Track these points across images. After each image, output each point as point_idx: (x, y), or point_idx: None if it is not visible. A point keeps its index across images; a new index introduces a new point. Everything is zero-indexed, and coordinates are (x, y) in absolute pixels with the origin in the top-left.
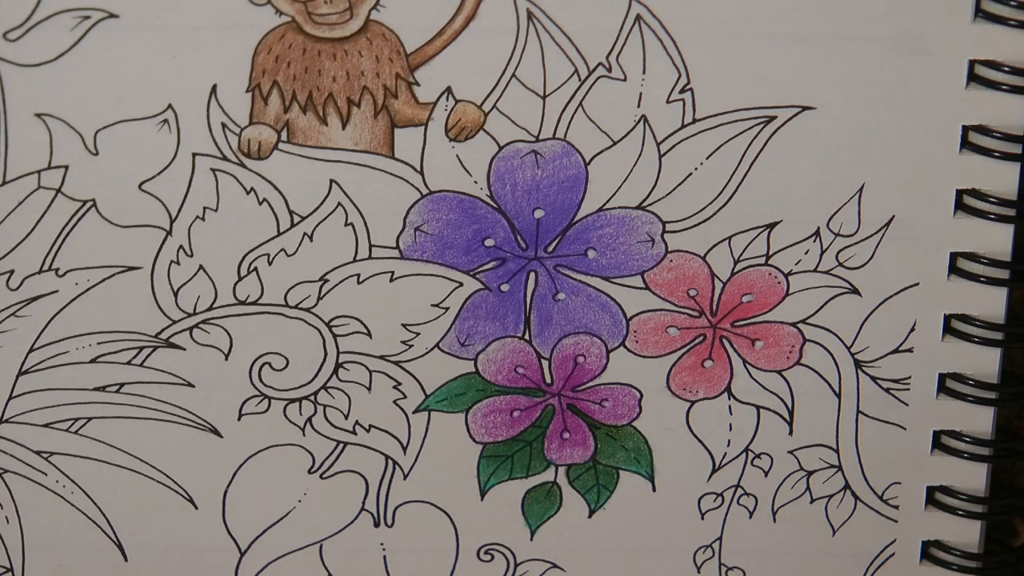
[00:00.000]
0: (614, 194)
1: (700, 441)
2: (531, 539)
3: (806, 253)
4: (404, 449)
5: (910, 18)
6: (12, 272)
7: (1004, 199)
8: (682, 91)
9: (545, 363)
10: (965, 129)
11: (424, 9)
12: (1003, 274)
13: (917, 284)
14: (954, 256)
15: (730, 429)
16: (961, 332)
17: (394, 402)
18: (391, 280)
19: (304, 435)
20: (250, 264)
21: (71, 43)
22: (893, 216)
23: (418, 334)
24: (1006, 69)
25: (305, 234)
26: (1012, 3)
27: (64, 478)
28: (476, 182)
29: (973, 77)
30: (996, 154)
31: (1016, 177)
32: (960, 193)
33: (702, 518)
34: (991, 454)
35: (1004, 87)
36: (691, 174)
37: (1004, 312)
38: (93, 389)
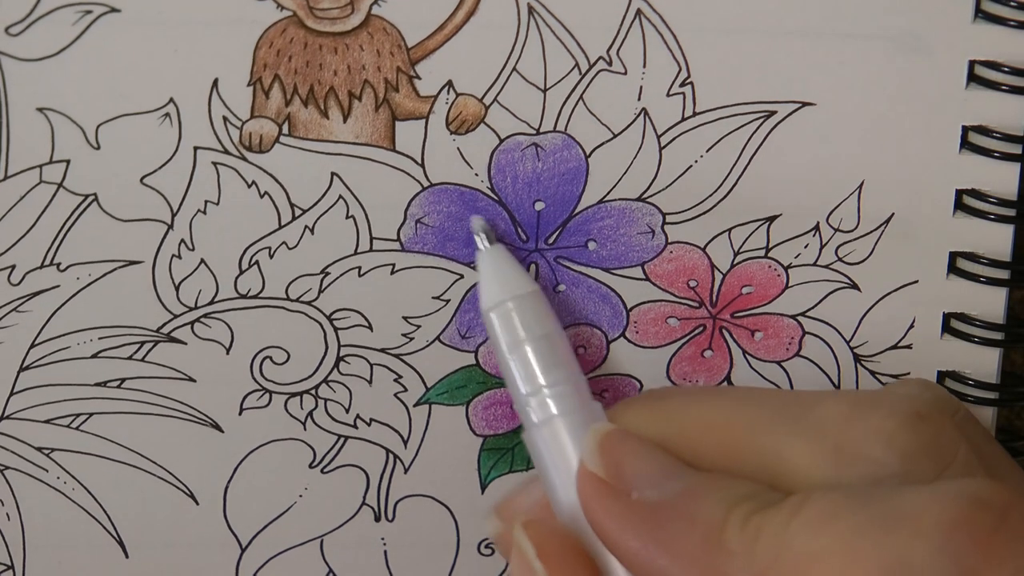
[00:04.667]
0: (614, 186)
1: None
2: None
3: (805, 247)
4: (405, 443)
5: (910, 18)
6: (14, 267)
7: (1004, 199)
8: (682, 85)
9: None
10: (965, 129)
11: (425, 3)
12: (1003, 274)
13: (916, 282)
14: (953, 256)
15: None
16: (960, 332)
17: (395, 395)
18: (392, 273)
19: (305, 429)
20: (251, 257)
21: (73, 38)
22: (892, 214)
23: (419, 327)
24: (1006, 69)
25: (306, 227)
26: (1012, 3)
27: (65, 474)
28: (477, 175)
29: (973, 77)
30: (996, 154)
31: (1016, 177)
32: (960, 193)
33: None
34: None
35: (1004, 87)
36: (691, 167)
37: (1004, 312)
38: (94, 384)
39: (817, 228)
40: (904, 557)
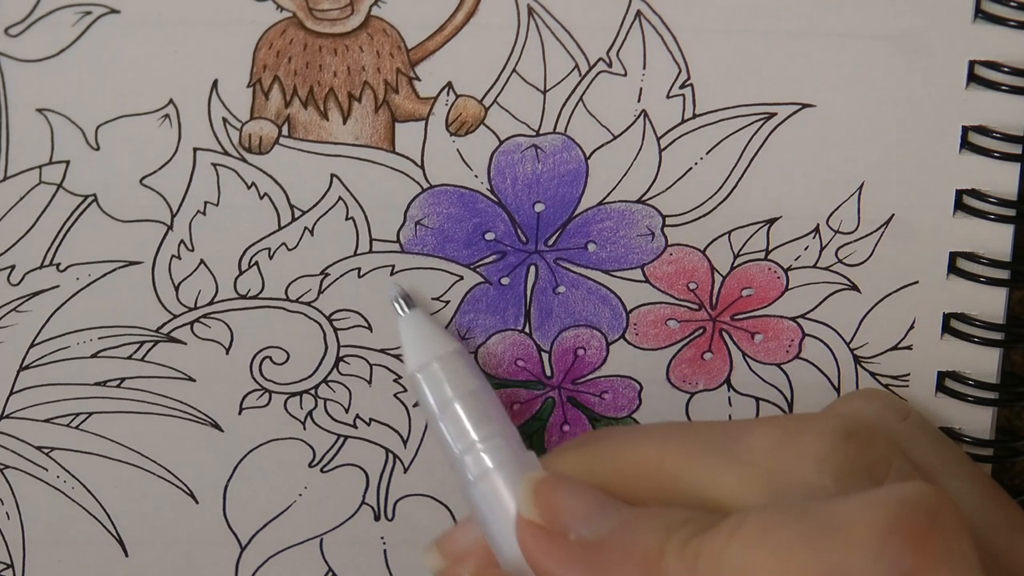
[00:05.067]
0: (614, 188)
1: None
2: None
3: (805, 249)
4: (404, 443)
5: (910, 18)
6: (13, 267)
7: (1004, 199)
8: (682, 86)
9: (545, 356)
10: (965, 129)
11: (425, 4)
12: (1003, 274)
13: (916, 283)
14: (953, 256)
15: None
16: (960, 332)
17: (394, 395)
18: (392, 274)
19: (304, 429)
20: (251, 258)
21: (73, 38)
22: (893, 215)
23: None
24: (1006, 69)
25: (306, 228)
26: (1012, 3)
27: (65, 473)
28: (477, 176)
29: (973, 77)
30: (996, 154)
31: (1016, 177)
32: (960, 193)
33: None
34: (991, 454)
35: (1004, 87)
36: (691, 169)
37: (1004, 312)
38: (94, 384)
39: (817, 230)
40: (841, 566)
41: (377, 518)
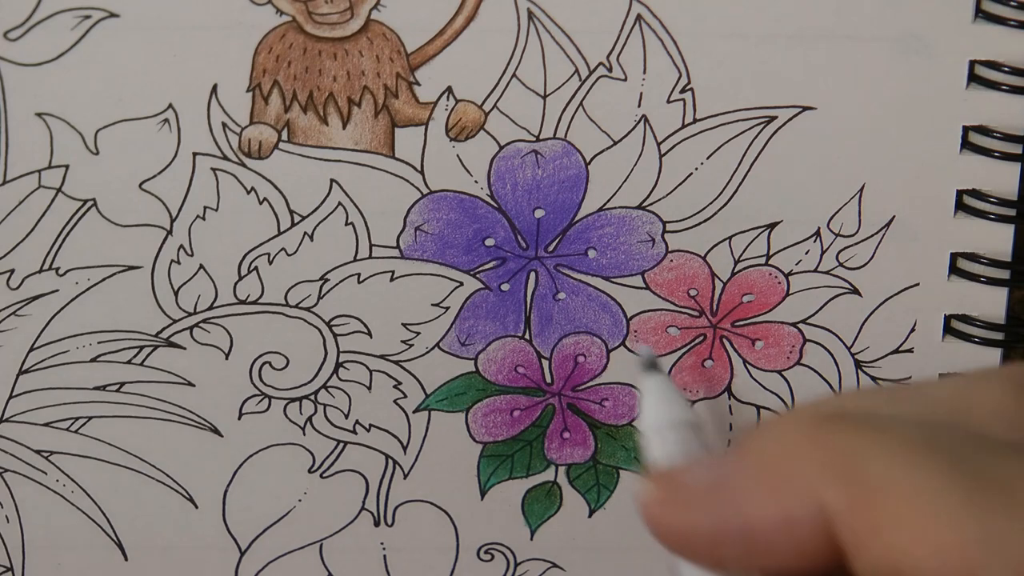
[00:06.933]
0: (614, 194)
1: None
2: (531, 539)
3: (806, 253)
4: (404, 448)
5: (910, 18)
6: (12, 271)
7: (1004, 199)
8: (682, 91)
9: (545, 363)
10: (965, 129)
11: (425, 9)
12: (1003, 274)
13: (917, 284)
14: (954, 256)
15: (730, 429)
16: (961, 332)
17: (394, 401)
18: (391, 280)
19: (304, 434)
20: (250, 263)
21: (72, 42)
22: (893, 216)
23: (418, 333)
24: (1006, 69)
25: (305, 233)
26: (1012, 3)
27: (64, 477)
28: (476, 182)
29: (973, 77)
30: (996, 154)
31: (1016, 177)
32: (960, 193)
33: None
34: None
35: (1004, 87)
36: (691, 174)
37: (1004, 312)
38: (93, 388)
39: (818, 234)
40: (999, 533)
41: (377, 524)
